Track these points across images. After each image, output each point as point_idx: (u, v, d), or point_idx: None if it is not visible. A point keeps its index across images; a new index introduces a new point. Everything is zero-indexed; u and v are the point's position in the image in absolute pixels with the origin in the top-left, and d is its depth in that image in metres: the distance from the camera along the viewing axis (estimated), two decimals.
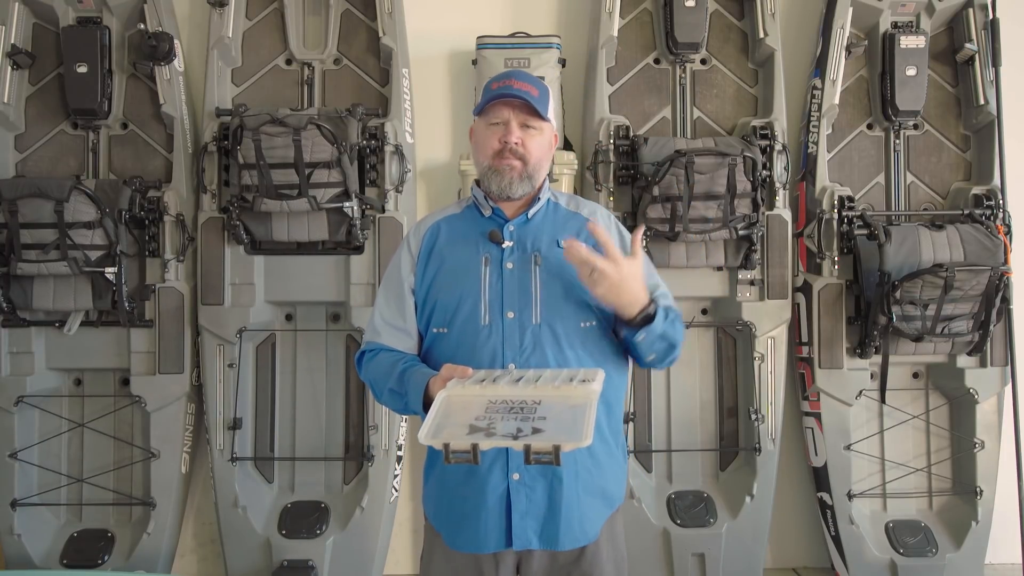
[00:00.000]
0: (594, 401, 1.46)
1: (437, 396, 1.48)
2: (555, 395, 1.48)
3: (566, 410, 1.44)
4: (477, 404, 1.46)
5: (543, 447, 1.36)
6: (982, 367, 3.18)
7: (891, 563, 3.12)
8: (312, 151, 2.93)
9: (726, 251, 3.13)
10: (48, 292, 3.02)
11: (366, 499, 3.06)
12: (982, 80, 3.23)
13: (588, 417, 1.41)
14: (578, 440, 1.36)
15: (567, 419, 1.42)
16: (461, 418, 1.43)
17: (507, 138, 1.73)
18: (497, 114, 1.74)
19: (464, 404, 1.47)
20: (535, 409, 1.44)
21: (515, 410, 1.44)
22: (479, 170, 1.80)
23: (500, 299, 1.70)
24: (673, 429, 3.27)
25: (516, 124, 1.73)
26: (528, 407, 1.45)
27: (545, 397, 1.47)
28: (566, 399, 1.48)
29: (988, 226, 3.04)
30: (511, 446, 1.39)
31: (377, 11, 3.22)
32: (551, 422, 1.41)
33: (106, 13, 3.18)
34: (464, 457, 1.38)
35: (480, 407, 1.46)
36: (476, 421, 1.42)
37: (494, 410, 1.45)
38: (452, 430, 1.41)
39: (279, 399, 3.23)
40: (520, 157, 1.74)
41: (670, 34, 3.21)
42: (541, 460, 1.36)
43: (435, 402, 1.46)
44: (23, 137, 3.20)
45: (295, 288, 3.13)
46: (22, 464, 3.10)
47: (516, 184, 1.74)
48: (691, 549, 3.11)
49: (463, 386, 1.51)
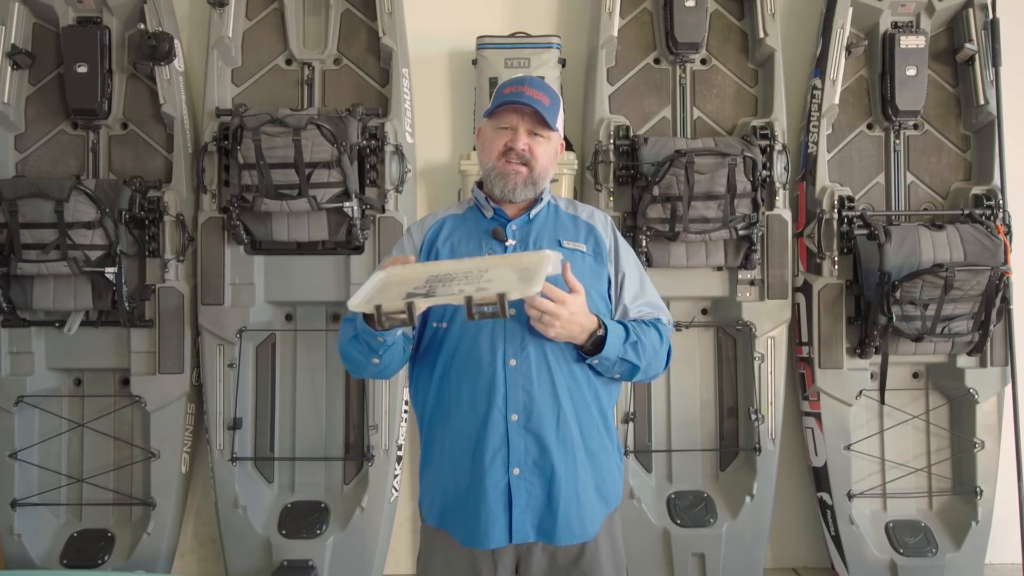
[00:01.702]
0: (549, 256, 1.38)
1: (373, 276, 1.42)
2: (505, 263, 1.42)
3: (517, 271, 1.37)
4: (418, 277, 1.40)
5: (487, 298, 1.28)
6: (982, 367, 3.18)
7: (891, 563, 3.12)
8: (312, 151, 2.93)
9: (726, 251, 3.13)
10: (48, 292, 3.02)
11: (366, 499, 3.06)
12: (982, 80, 3.23)
13: (541, 269, 1.34)
14: (527, 288, 1.28)
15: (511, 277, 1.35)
16: (398, 290, 1.36)
17: (514, 144, 1.75)
18: (506, 119, 1.77)
19: (403, 279, 1.39)
20: (480, 275, 1.37)
21: (458, 279, 1.38)
22: (484, 171, 1.81)
23: None
24: (673, 429, 3.27)
25: (524, 131, 1.76)
26: (473, 275, 1.37)
27: (493, 265, 1.40)
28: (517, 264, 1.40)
29: (988, 226, 3.04)
30: (451, 301, 1.32)
31: (377, 11, 3.22)
32: (497, 282, 1.34)
33: (106, 13, 3.18)
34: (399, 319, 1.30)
35: (420, 280, 1.39)
36: (415, 290, 1.35)
37: (436, 280, 1.38)
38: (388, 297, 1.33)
39: (279, 399, 3.23)
40: (526, 163, 1.76)
41: (670, 34, 3.21)
42: (484, 313, 1.29)
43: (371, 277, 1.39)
44: (23, 137, 3.20)
45: (295, 288, 3.13)
46: (22, 464, 3.10)
47: (520, 189, 1.77)
48: (691, 549, 3.11)
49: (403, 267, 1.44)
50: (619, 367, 1.70)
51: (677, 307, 3.26)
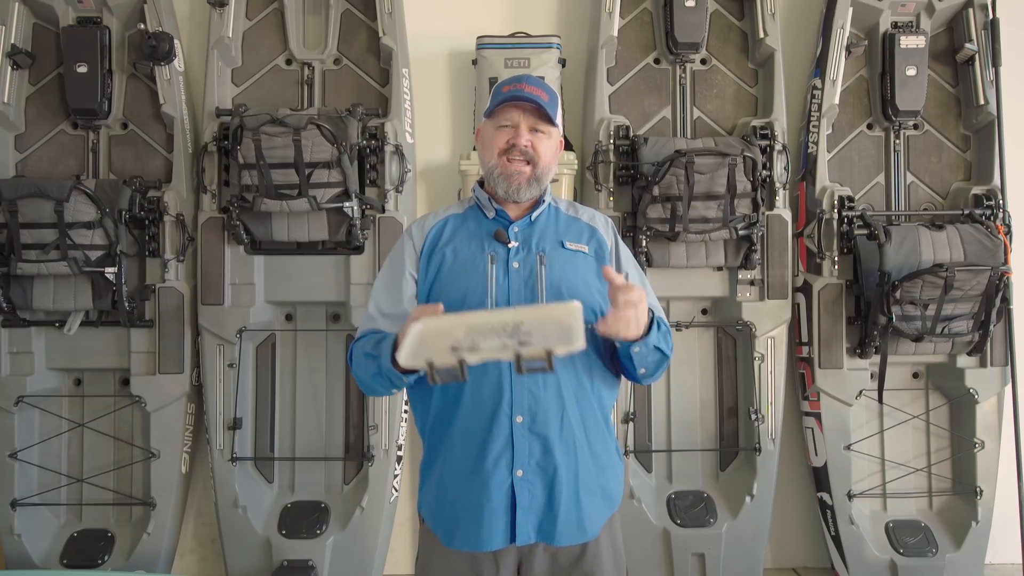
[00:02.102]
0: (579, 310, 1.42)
1: (411, 327, 1.44)
2: (536, 315, 1.45)
3: (551, 324, 1.41)
4: (455, 330, 1.42)
5: (535, 353, 1.34)
6: (982, 367, 3.18)
7: (891, 563, 3.12)
8: (312, 151, 2.93)
9: (726, 251, 3.13)
10: (48, 292, 3.02)
11: (366, 499, 3.06)
12: (982, 80, 3.23)
13: (577, 324, 1.38)
14: (570, 344, 1.34)
15: (554, 331, 1.39)
16: (440, 343, 1.39)
17: (516, 140, 1.73)
18: (507, 116, 1.75)
19: (441, 332, 1.42)
20: (518, 328, 1.41)
21: (499, 332, 1.40)
22: (485, 171, 1.80)
23: (507, 297, 1.70)
24: (673, 429, 3.27)
25: (525, 127, 1.74)
26: (512, 328, 1.41)
27: (526, 318, 1.43)
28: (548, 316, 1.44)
29: (988, 226, 3.04)
30: (501, 358, 1.36)
31: (377, 11, 3.22)
32: (537, 336, 1.38)
33: (106, 13, 3.18)
34: (451, 375, 1.34)
35: (459, 332, 1.41)
36: (457, 343, 1.38)
37: (475, 333, 1.40)
38: (434, 351, 1.36)
39: (279, 399, 3.23)
40: (529, 160, 1.74)
41: (670, 34, 3.21)
42: (533, 368, 1.34)
43: (410, 331, 1.41)
44: (23, 137, 3.20)
45: (295, 288, 3.13)
46: (22, 464, 3.10)
47: (524, 188, 1.75)
48: (691, 549, 3.11)
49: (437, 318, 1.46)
50: (651, 356, 1.68)
51: (677, 307, 3.26)
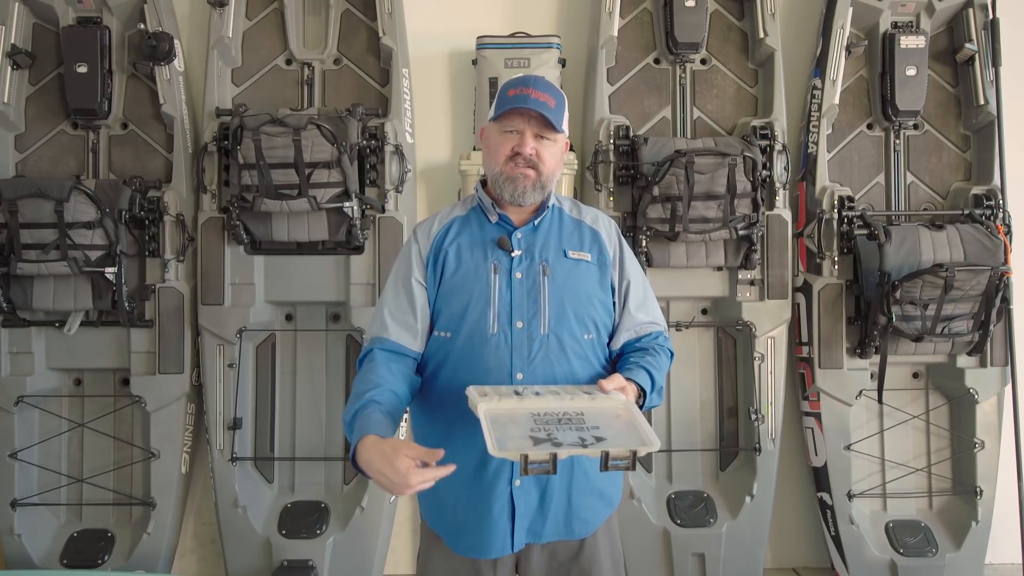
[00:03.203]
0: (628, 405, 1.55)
1: (479, 411, 1.49)
2: (593, 406, 1.55)
3: (612, 419, 1.52)
4: (523, 417, 1.50)
5: (622, 453, 1.43)
6: (982, 367, 3.18)
7: (891, 563, 3.12)
8: (312, 151, 2.93)
9: (726, 251, 3.13)
10: (48, 292, 3.02)
11: (366, 499, 3.06)
12: (982, 80, 3.23)
13: (643, 424, 1.50)
14: (651, 445, 1.44)
15: (619, 426, 1.50)
16: (516, 431, 1.46)
17: (521, 149, 1.71)
18: (512, 123, 1.72)
19: (510, 417, 1.50)
20: (582, 420, 1.50)
21: (564, 422, 1.49)
22: (491, 175, 1.78)
23: (509, 308, 1.70)
24: (673, 429, 3.27)
25: (531, 135, 1.71)
26: (575, 418, 1.51)
27: (584, 409, 1.54)
28: (604, 410, 1.55)
29: (988, 226, 3.04)
30: (589, 454, 1.44)
31: (377, 11, 3.22)
32: (607, 430, 1.48)
33: (106, 13, 3.18)
34: (543, 468, 1.42)
35: (527, 420, 1.49)
36: (534, 433, 1.45)
37: (543, 422, 1.49)
38: (518, 442, 1.43)
39: (279, 399, 3.23)
40: (534, 167, 1.72)
41: (670, 34, 3.21)
42: (619, 466, 1.43)
43: (481, 417, 1.47)
44: (23, 137, 3.20)
45: (295, 288, 3.13)
46: (22, 464, 3.10)
47: (529, 193, 1.73)
48: (691, 549, 3.11)
49: (497, 400, 1.53)
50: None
51: (677, 307, 3.26)
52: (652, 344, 1.78)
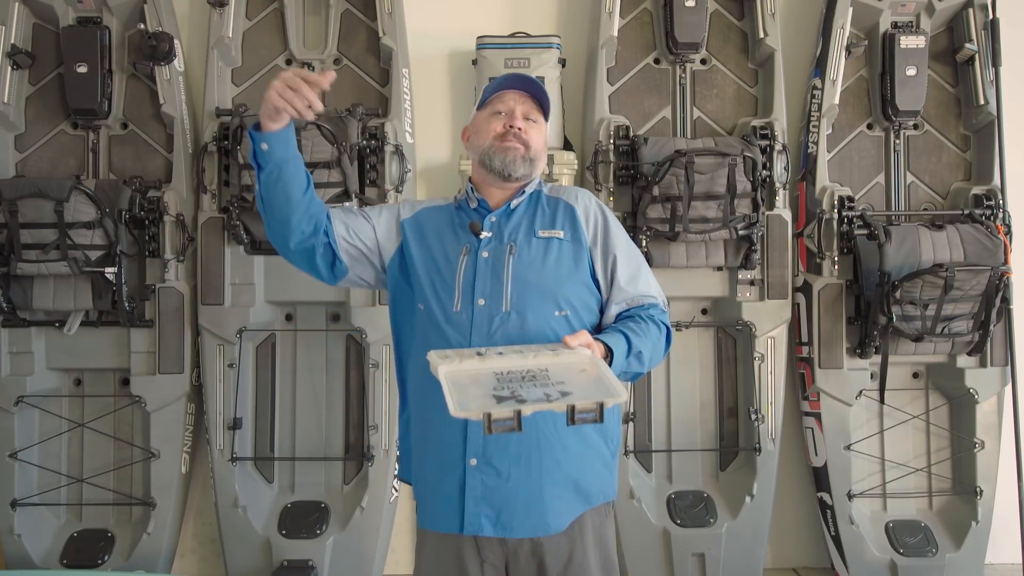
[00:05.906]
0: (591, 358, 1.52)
1: (439, 373, 1.49)
2: (558, 362, 1.53)
3: (577, 373, 1.50)
4: (486, 377, 1.49)
5: (588, 406, 1.41)
6: (982, 367, 3.18)
7: (891, 563, 3.12)
8: (312, 151, 2.92)
9: (726, 251, 3.13)
10: (48, 292, 3.02)
11: (366, 499, 3.06)
12: (982, 80, 3.23)
13: (610, 376, 1.47)
14: (618, 396, 1.42)
15: (585, 381, 1.48)
16: (478, 391, 1.45)
17: (512, 123, 1.81)
18: (502, 102, 1.83)
19: (472, 378, 1.49)
20: (547, 376, 1.49)
21: (528, 379, 1.48)
22: (480, 153, 1.85)
23: (472, 285, 1.75)
24: (673, 429, 3.27)
25: (520, 112, 1.82)
26: (539, 375, 1.49)
27: (549, 365, 1.52)
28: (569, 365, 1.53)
29: (988, 226, 3.04)
30: (553, 408, 1.42)
31: (377, 11, 3.22)
32: (573, 385, 1.46)
33: (106, 13, 3.17)
34: (508, 426, 1.40)
35: (490, 379, 1.48)
36: (497, 391, 1.44)
37: (507, 380, 1.47)
38: (481, 401, 1.42)
39: (279, 399, 3.23)
40: (523, 142, 1.81)
41: (670, 34, 3.21)
42: (586, 419, 1.41)
43: (440, 379, 1.47)
44: (23, 137, 3.20)
45: (295, 288, 3.13)
46: (22, 464, 3.10)
47: (520, 163, 1.82)
48: (691, 549, 3.11)
49: (459, 362, 1.52)
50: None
51: (677, 307, 3.26)
52: (640, 313, 1.79)
